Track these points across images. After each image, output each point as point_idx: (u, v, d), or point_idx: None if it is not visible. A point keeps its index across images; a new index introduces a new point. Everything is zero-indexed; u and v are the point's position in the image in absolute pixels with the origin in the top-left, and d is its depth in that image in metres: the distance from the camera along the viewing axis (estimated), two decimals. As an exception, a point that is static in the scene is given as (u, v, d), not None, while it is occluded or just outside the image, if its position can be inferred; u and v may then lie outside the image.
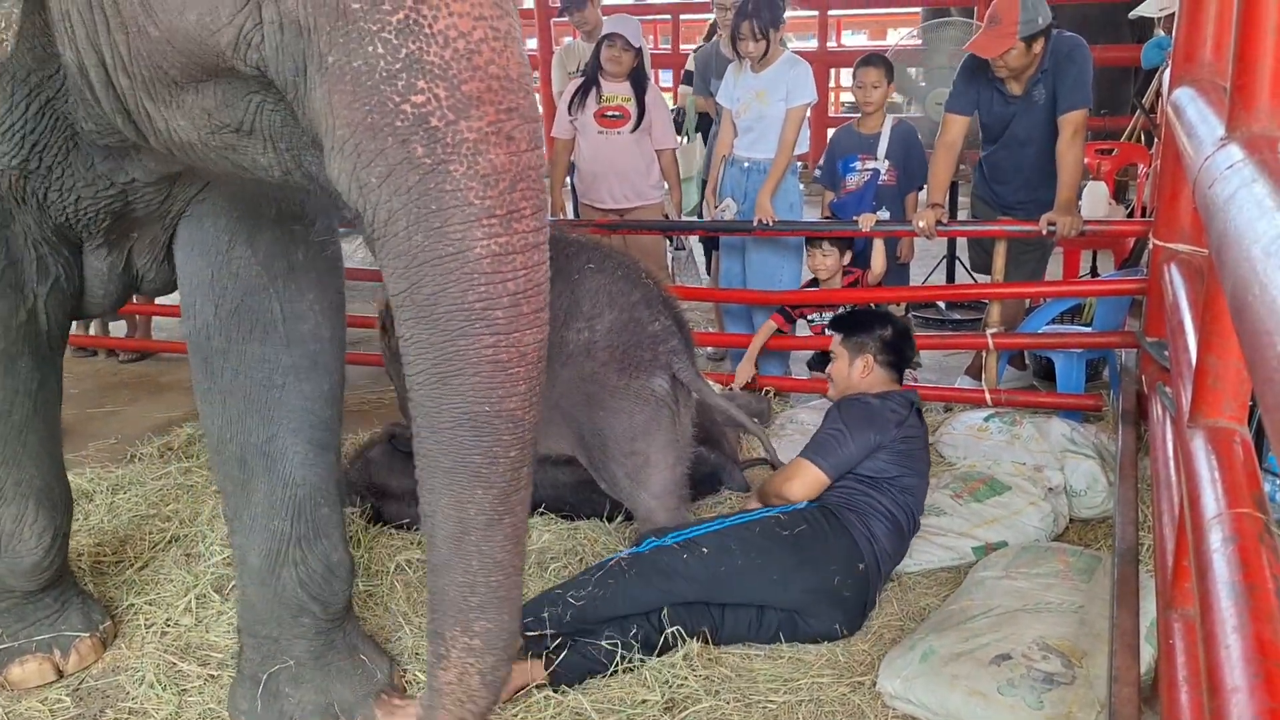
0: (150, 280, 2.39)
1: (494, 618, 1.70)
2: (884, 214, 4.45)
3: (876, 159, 4.59)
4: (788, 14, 4.66)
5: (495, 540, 1.64)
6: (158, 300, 4.75)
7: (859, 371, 3.09)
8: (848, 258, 4.39)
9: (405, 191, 1.41)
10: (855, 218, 4.26)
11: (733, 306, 4.94)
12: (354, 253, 2.53)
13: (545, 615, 2.51)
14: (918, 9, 10.19)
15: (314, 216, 2.29)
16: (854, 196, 4.60)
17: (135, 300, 5.05)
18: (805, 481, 2.89)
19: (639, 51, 4.71)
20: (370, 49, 1.35)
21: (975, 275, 5.07)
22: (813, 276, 4.54)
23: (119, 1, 1.49)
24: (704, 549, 2.63)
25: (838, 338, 3.19)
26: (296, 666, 2.39)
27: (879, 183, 4.58)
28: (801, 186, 4.77)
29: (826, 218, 4.63)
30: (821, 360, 4.59)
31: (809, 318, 4.59)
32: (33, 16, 1.65)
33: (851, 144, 4.69)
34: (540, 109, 1.44)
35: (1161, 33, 6.26)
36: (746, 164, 4.52)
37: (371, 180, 1.43)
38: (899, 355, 3.11)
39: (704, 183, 4.82)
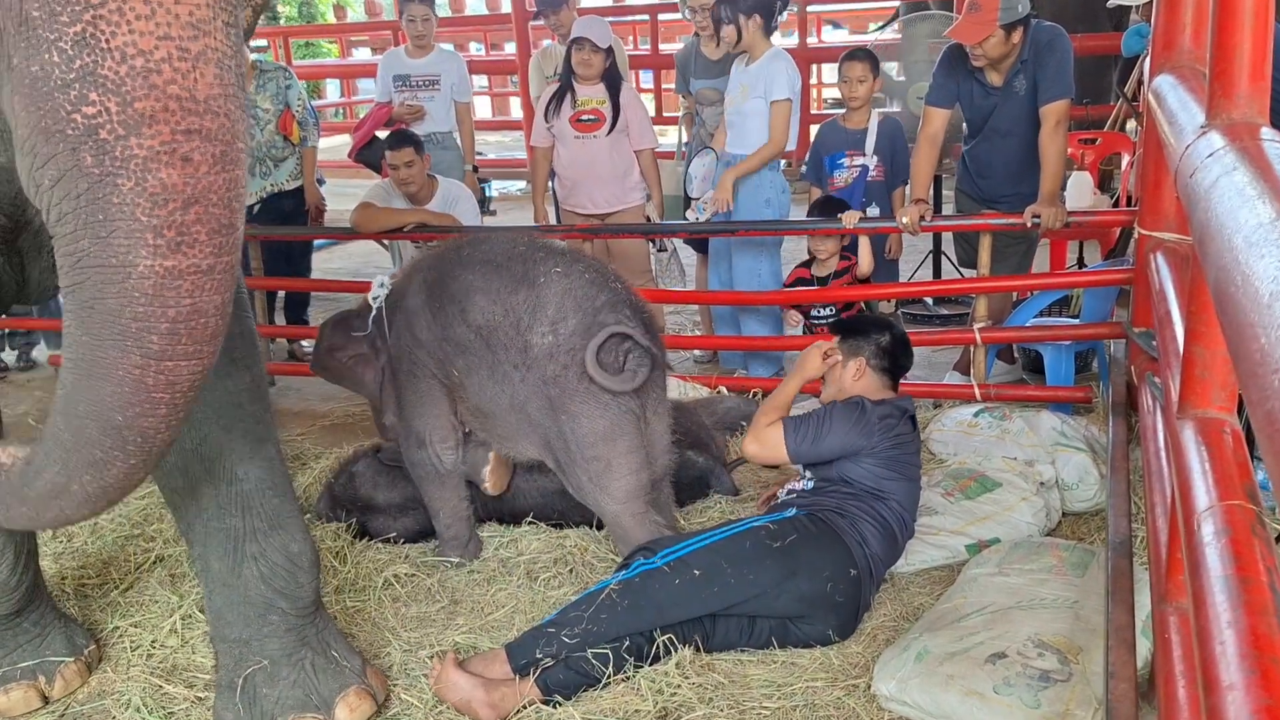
0: (34, 284, 2.38)
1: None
2: (874, 210, 4.43)
3: (864, 155, 4.56)
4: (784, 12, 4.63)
5: (105, 391, 1.62)
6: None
7: (851, 374, 3.06)
8: (846, 239, 4.36)
9: (75, 197, 1.44)
10: (840, 215, 4.24)
11: (721, 309, 4.92)
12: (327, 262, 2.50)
13: (539, 655, 2.48)
14: (895, 2, 10.19)
15: None
16: (843, 194, 4.58)
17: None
18: (765, 444, 2.94)
19: (609, 52, 4.68)
20: (47, 57, 1.37)
21: (961, 270, 5.06)
22: (796, 274, 4.51)
23: None
24: (695, 570, 2.59)
25: (835, 339, 3.17)
26: (271, 665, 2.38)
27: (868, 179, 4.56)
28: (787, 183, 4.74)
29: (817, 201, 4.56)
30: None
31: (811, 314, 4.56)
32: None
33: (838, 140, 4.67)
34: (237, 130, 1.44)
35: (1140, 20, 6.25)
36: (728, 159, 4.50)
37: (45, 181, 1.46)
38: (894, 362, 3.09)
39: (687, 199, 4.81)
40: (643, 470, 2.91)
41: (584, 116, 4.73)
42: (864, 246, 4.31)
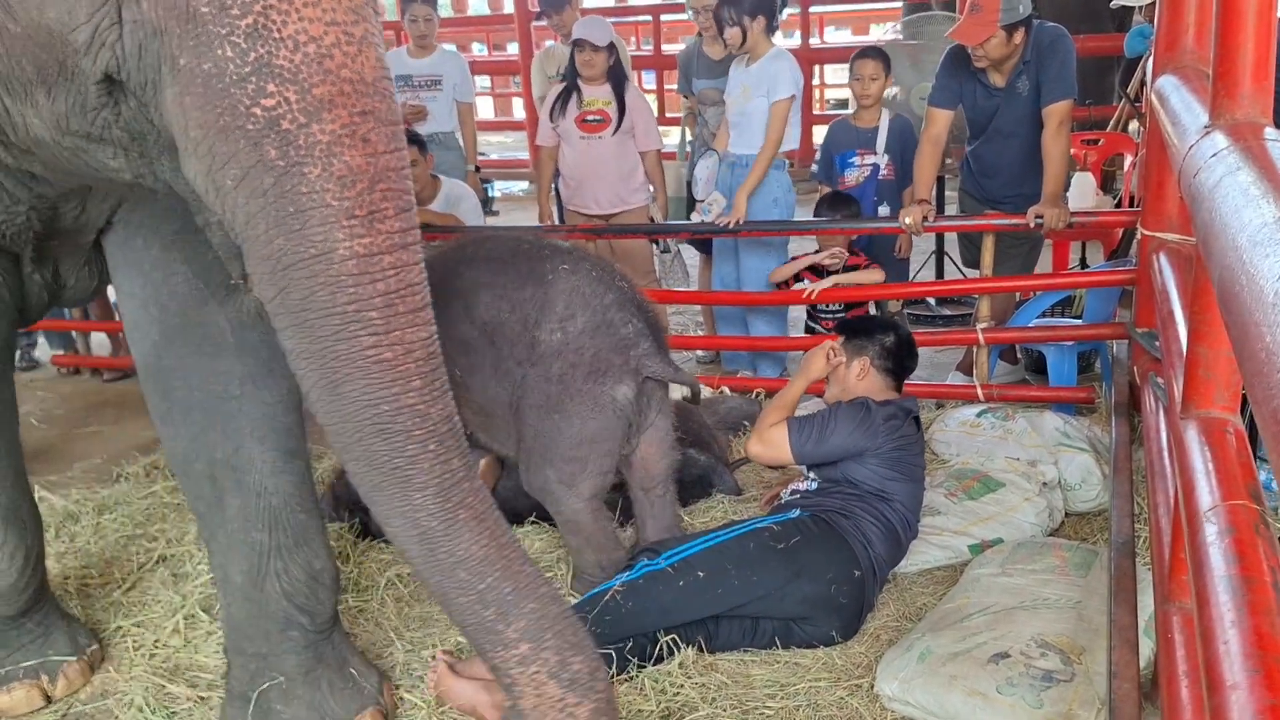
0: (72, 288, 2.38)
1: (524, 612, 1.67)
2: (884, 209, 4.42)
3: (875, 154, 4.56)
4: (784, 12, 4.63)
5: (464, 538, 1.61)
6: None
7: (855, 374, 3.06)
8: (856, 259, 4.37)
9: (262, 194, 1.43)
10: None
11: (725, 309, 4.92)
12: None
13: None
14: (899, 3, 10.18)
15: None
16: (854, 193, 4.58)
17: (118, 317, 5.04)
18: (770, 445, 2.93)
19: (611, 49, 4.68)
20: (219, 52, 1.37)
21: (965, 270, 5.06)
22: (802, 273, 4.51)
23: None
24: (699, 572, 2.59)
25: (840, 339, 3.17)
26: (287, 682, 2.36)
27: (879, 178, 4.56)
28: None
29: (825, 196, 4.56)
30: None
31: (819, 318, 4.57)
32: None
33: (849, 139, 4.67)
34: (398, 111, 1.48)
35: (1143, 20, 6.25)
36: (731, 160, 4.50)
37: (227, 183, 1.44)
38: (898, 363, 3.09)
39: (691, 200, 4.81)
40: (610, 471, 2.93)
41: (589, 117, 4.74)
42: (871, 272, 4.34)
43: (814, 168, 5.17)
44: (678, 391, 3.21)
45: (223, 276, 2.22)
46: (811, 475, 3.00)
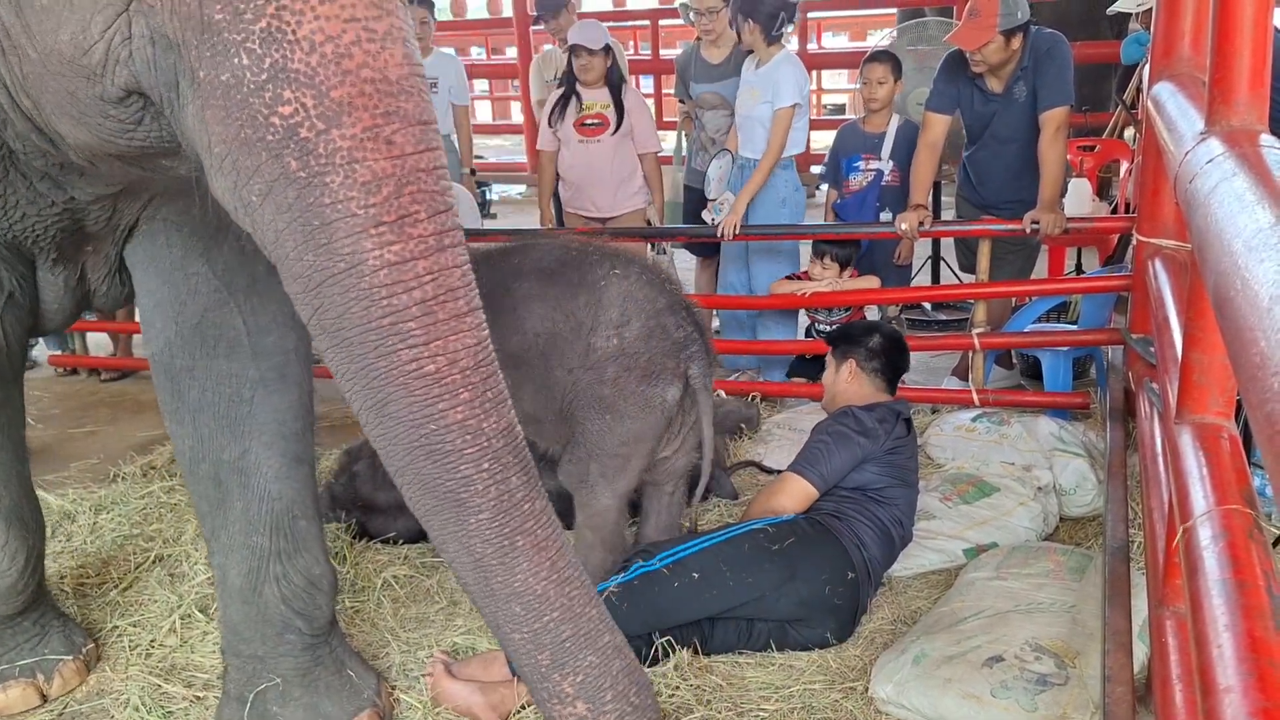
0: (102, 295, 2.35)
1: (581, 666, 1.59)
2: (886, 215, 4.43)
3: (880, 159, 4.57)
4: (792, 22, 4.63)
5: (521, 569, 1.53)
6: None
7: (844, 378, 3.08)
8: (848, 275, 4.37)
9: (287, 208, 1.36)
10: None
11: (728, 314, 4.92)
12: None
13: None
14: (893, 10, 10.22)
15: None
16: (857, 198, 4.59)
17: (117, 318, 5.03)
18: (794, 494, 2.87)
19: (607, 52, 4.69)
20: (236, 61, 1.30)
21: (962, 276, 5.06)
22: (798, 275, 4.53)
23: (7, 25, 1.47)
24: (694, 574, 2.59)
25: (830, 351, 3.19)
26: (283, 685, 2.35)
27: (882, 183, 4.56)
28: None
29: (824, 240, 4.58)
30: (801, 366, 4.60)
31: (816, 326, 4.58)
32: None
33: (856, 143, 4.67)
34: (430, 109, 1.40)
35: (1139, 27, 6.27)
36: (741, 161, 4.51)
37: (253, 199, 1.38)
38: (887, 363, 3.10)
39: (689, 203, 4.81)
40: (644, 470, 2.96)
41: (588, 121, 4.74)
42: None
43: (820, 169, 5.17)
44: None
45: (244, 279, 2.23)
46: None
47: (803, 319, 4.92)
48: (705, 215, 4.61)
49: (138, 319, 4.71)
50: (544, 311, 2.91)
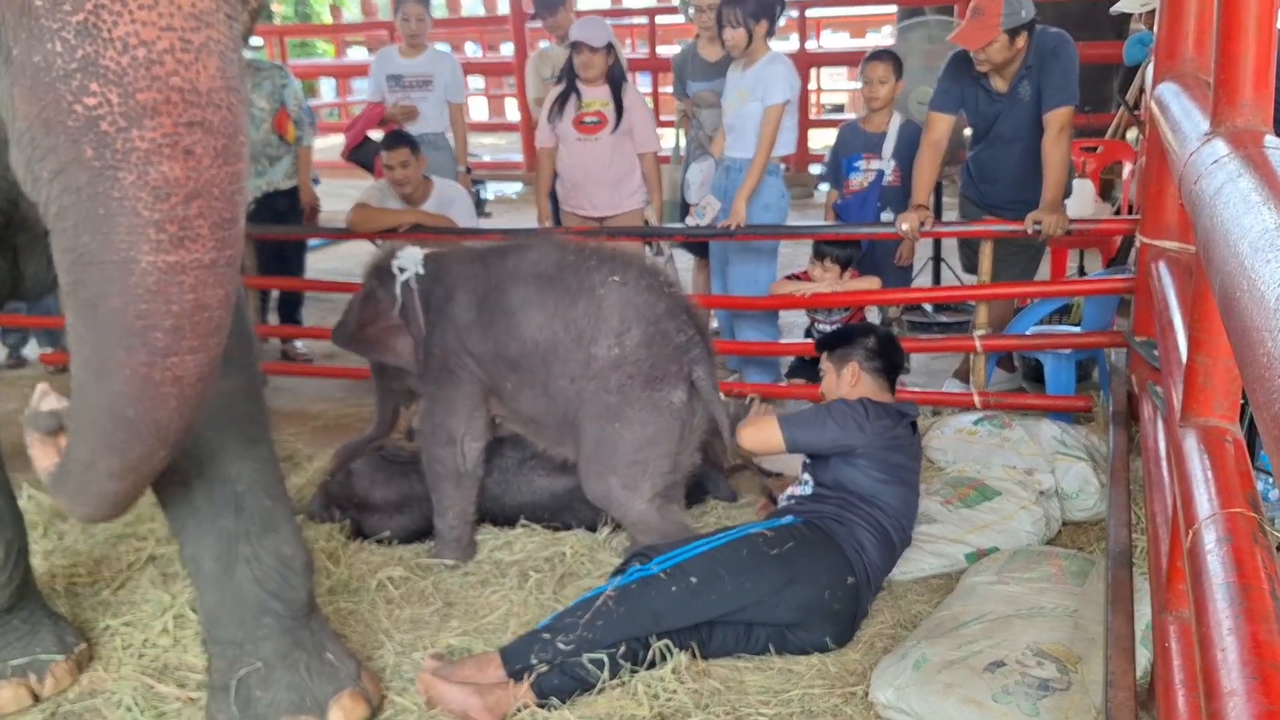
0: (30, 280, 2.38)
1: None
2: (888, 215, 4.41)
3: (881, 159, 4.55)
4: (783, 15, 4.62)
5: (103, 475, 1.75)
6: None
7: (847, 381, 3.06)
8: (848, 276, 4.36)
9: (75, 190, 1.42)
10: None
11: (719, 314, 4.91)
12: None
13: (534, 661, 2.47)
14: (893, 9, 10.21)
15: None
16: (858, 198, 4.57)
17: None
18: (760, 434, 2.93)
19: (609, 49, 4.67)
20: (49, 47, 1.36)
21: (965, 277, 5.05)
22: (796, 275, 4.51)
23: None
24: (692, 577, 2.57)
25: (824, 355, 3.17)
26: (265, 668, 2.36)
27: (883, 183, 4.54)
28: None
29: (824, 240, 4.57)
30: (802, 368, 4.59)
31: (816, 327, 4.57)
32: None
33: (856, 142, 4.65)
34: (239, 124, 1.47)
35: (1142, 28, 6.26)
36: (727, 163, 4.49)
37: (44, 175, 1.45)
38: (887, 362, 3.08)
39: (685, 205, 4.81)
40: (671, 471, 2.96)
41: (587, 118, 4.72)
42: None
43: (821, 169, 5.16)
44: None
45: None
46: (806, 478, 2.99)
47: (801, 320, 4.91)
48: (688, 221, 4.60)
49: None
50: (542, 320, 2.91)
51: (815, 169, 9.44)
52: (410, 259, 3.15)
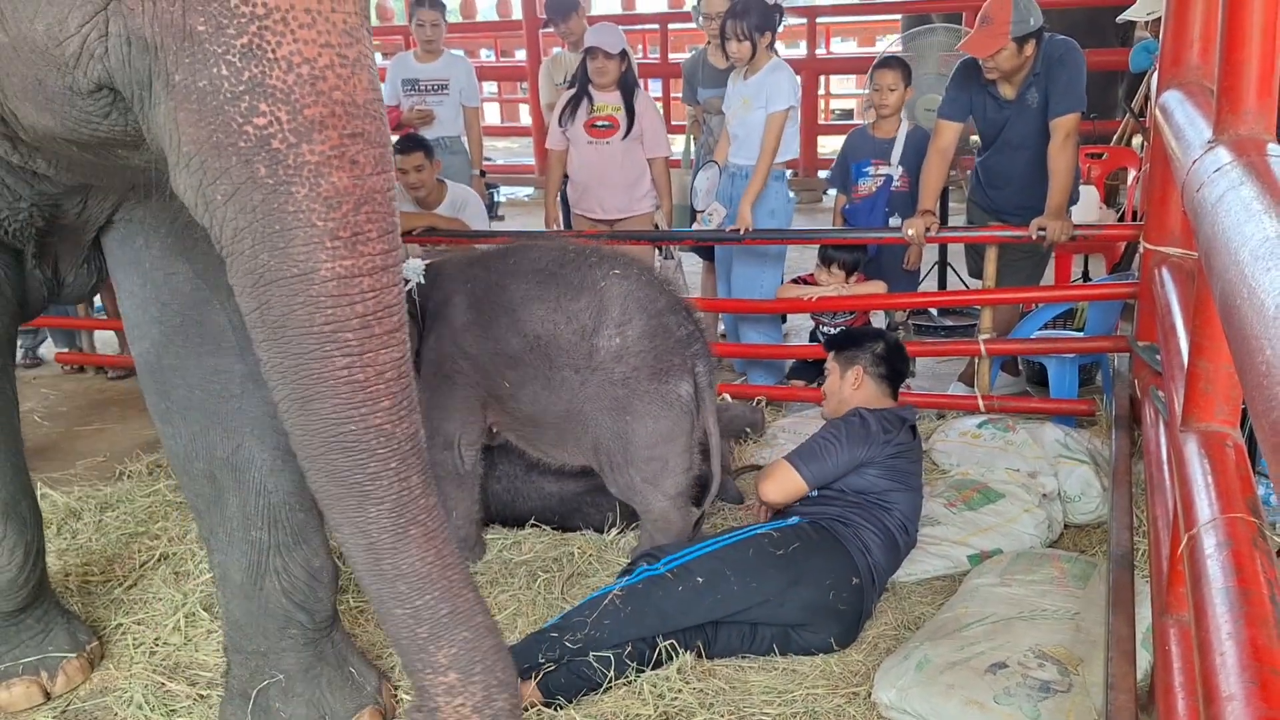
0: (69, 285, 2.39)
1: (456, 639, 1.69)
2: (895, 220, 4.43)
3: (889, 165, 4.57)
4: (784, 24, 4.65)
5: (410, 555, 1.64)
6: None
7: (850, 384, 3.08)
8: (854, 280, 4.38)
9: (250, 210, 1.45)
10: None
11: (724, 316, 4.93)
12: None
13: (541, 659, 2.49)
14: (899, 16, 10.22)
15: None
16: (866, 203, 4.59)
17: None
18: (782, 484, 2.90)
19: (622, 56, 4.70)
20: (215, 70, 1.39)
21: (972, 281, 5.05)
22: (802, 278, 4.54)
23: None
24: (698, 578, 2.59)
25: (831, 355, 3.19)
26: (286, 680, 2.36)
27: (891, 189, 4.56)
28: (792, 194, 4.75)
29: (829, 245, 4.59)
30: (802, 370, 4.60)
31: (821, 330, 4.58)
32: None
33: (865, 148, 4.67)
34: (387, 134, 1.52)
35: (1148, 36, 6.26)
36: (732, 170, 4.51)
37: (217, 197, 1.47)
38: (892, 369, 3.10)
39: (694, 211, 4.83)
40: (691, 467, 3.01)
41: (598, 122, 4.75)
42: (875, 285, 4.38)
43: (828, 174, 5.18)
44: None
45: (224, 275, 2.24)
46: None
47: (806, 323, 4.92)
48: (695, 226, 4.62)
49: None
50: (543, 313, 2.93)
51: (824, 174, 9.46)
52: (412, 270, 3.20)
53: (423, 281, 3.17)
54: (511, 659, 1.83)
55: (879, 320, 4.98)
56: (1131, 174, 5.67)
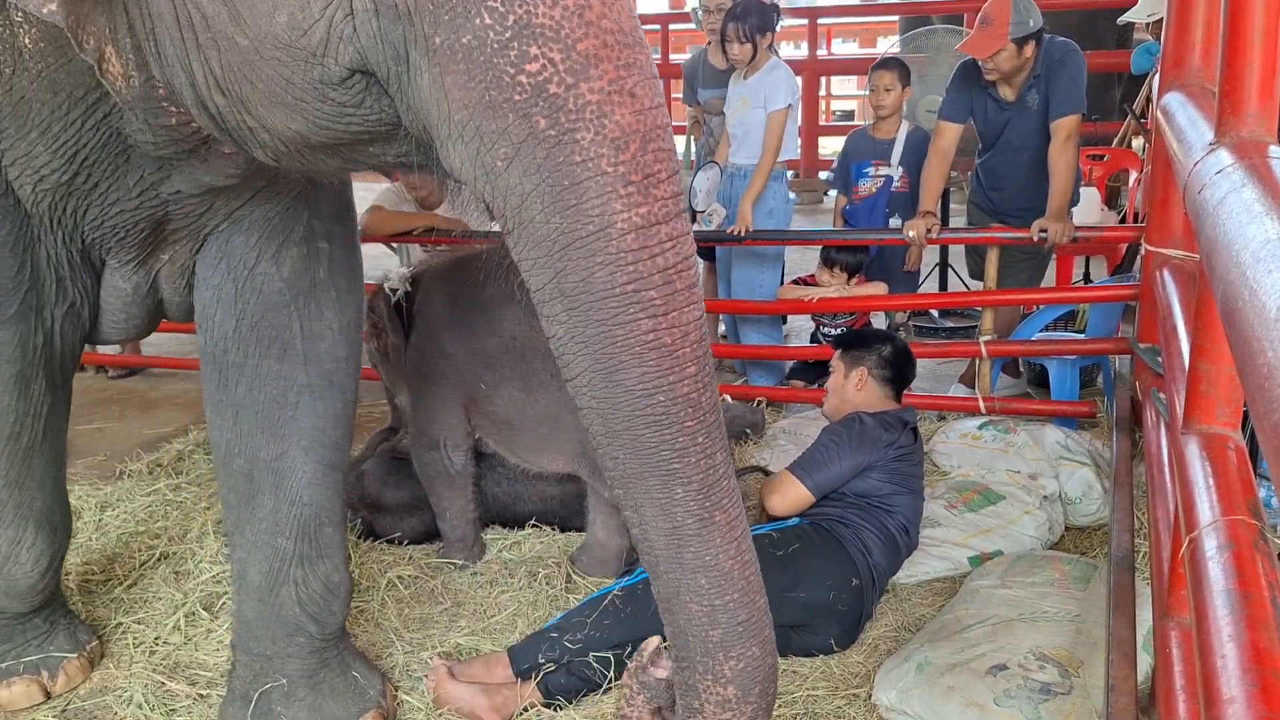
0: (176, 305, 2.37)
1: (746, 654, 1.59)
2: (896, 221, 4.44)
3: (890, 165, 4.57)
4: (781, 24, 4.66)
5: (714, 544, 1.53)
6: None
7: (854, 384, 3.07)
8: (855, 281, 4.38)
9: (535, 170, 1.33)
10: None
11: (725, 318, 4.93)
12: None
13: (541, 660, 2.49)
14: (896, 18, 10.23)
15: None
16: (866, 204, 4.60)
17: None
18: (787, 496, 2.88)
19: None
20: (477, 21, 1.28)
21: (972, 283, 5.06)
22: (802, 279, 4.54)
23: (208, 16, 1.43)
24: None
25: (837, 352, 3.19)
26: (289, 685, 2.36)
27: (891, 190, 4.57)
28: (792, 195, 4.75)
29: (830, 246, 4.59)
30: (802, 370, 4.60)
31: (821, 330, 4.58)
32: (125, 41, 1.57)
33: (865, 149, 4.68)
34: (653, 62, 1.39)
35: (1148, 37, 6.27)
36: (732, 170, 4.52)
37: (498, 164, 1.35)
38: (897, 373, 3.10)
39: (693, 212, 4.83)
40: None
41: None
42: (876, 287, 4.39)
43: (829, 174, 5.19)
44: None
45: (305, 283, 2.26)
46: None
47: (807, 324, 4.92)
48: (695, 227, 4.62)
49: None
50: (520, 315, 2.90)
51: (825, 175, 9.47)
52: (399, 278, 3.22)
53: (409, 289, 3.18)
54: (777, 683, 1.74)
55: (879, 321, 4.98)
56: (1133, 176, 5.68)
